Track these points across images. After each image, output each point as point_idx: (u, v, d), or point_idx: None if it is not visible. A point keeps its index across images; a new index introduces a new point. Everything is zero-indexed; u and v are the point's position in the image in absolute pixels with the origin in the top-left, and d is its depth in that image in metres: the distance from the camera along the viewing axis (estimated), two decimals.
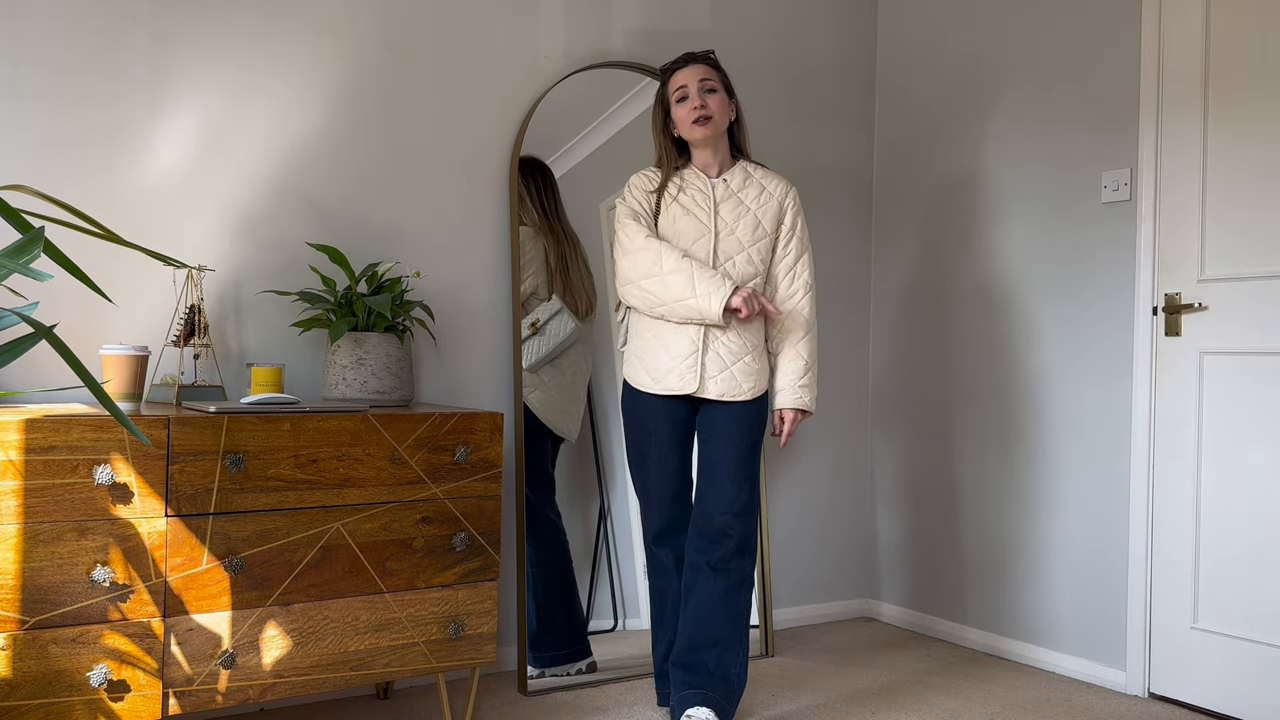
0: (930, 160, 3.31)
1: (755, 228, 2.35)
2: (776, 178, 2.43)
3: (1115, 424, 2.75)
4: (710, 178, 2.39)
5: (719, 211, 2.34)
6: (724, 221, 2.34)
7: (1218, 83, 2.55)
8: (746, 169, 2.41)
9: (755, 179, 2.40)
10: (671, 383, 2.31)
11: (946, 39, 3.27)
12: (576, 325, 2.76)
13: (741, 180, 2.38)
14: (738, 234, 2.33)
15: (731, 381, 2.30)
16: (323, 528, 2.02)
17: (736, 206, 2.35)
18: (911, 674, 2.84)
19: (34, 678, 1.74)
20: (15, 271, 1.29)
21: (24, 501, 1.73)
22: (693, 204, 2.35)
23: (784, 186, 2.41)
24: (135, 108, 2.29)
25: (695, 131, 2.34)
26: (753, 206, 2.36)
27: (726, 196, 2.36)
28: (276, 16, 2.46)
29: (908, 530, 3.35)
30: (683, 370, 2.30)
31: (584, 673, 2.70)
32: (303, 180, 2.49)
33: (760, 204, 2.37)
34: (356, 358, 2.29)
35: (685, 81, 2.35)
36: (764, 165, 2.48)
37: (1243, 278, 2.49)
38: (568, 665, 2.68)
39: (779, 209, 2.39)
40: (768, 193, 2.39)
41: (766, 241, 2.36)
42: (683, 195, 2.37)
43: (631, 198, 2.38)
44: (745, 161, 2.43)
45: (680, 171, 2.40)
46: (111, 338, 2.27)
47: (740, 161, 2.43)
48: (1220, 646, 2.51)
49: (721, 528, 2.28)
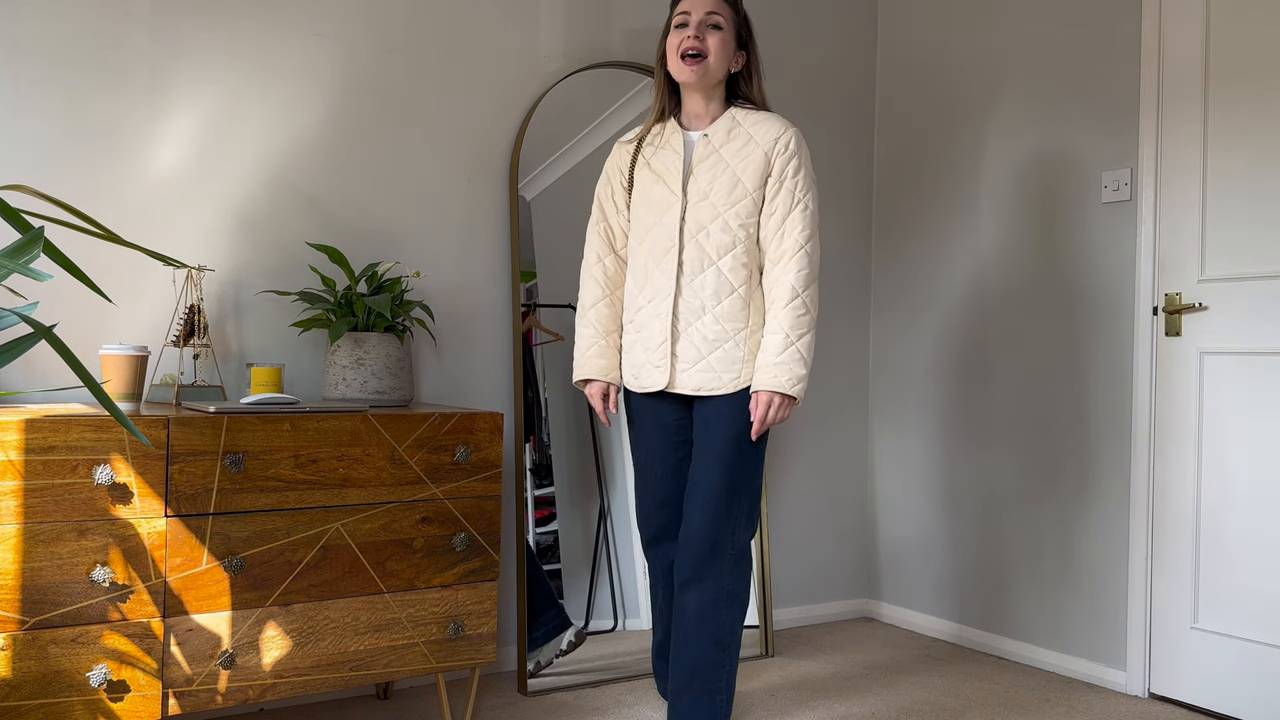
0: (930, 160, 3.31)
1: (733, 187, 2.02)
2: (771, 121, 2.06)
3: (1115, 424, 2.75)
4: (693, 131, 2.10)
5: (694, 174, 2.05)
6: (697, 186, 2.04)
7: (1218, 83, 2.55)
8: (735, 117, 2.08)
9: (744, 128, 2.06)
10: (647, 378, 2.11)
11: (946, 39, 3.27)
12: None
13: (726, 132, 2.06)
14: (712, 198, 2.03)
15: (709, 373, 2.04)
16: (322, 528, 2.02)
17: (714, 165, 2.04)
18: (911, 674, 2.84)
19: (34, 678, 1.74)
20: (15, 271, 1.29)
21: (24, 501, 1.73)
22: (664, 168, 2.08)
23: (776, 129, 2.04)
24: (135, 107, 2.29)
25: (682, 71, 2.04)
26: (733, 162, 2.03)
27: (707, 154, 2.05)
28: (277, 16, 2.46)
29: (908, 530, 3.35)
30: (656, 363, 2.08)
31: (575, 642, 2.68)
32: (303, 180, 2.49)
33: (742, 158, 2.03)
34: (356, 358, 2.28)
35: (689, 8, 2.04)
36: (764, 109, 2.12)
37: (1243, 278, 2.49)
38: (557, 639, 2.65)
39: (764, 160, 2.03)
40: (754, 142, 2.04)
41: (748, 201, 2.03)
42: (655, 159, 2.10)
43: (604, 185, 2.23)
44: (738, 108, 2.10)
45: (663, 126, 2.13)
46: (111, 338, 2.27)
47: (731, 109, 2.09)
48: (1220, 646, 2.51)
49: (698, 549, 2.06)
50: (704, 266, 2.05)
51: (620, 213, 2.20)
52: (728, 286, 2.05)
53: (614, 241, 2.23)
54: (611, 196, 2.21)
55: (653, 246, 2.10)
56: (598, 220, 2.25)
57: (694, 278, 2.05)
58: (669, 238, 2.07)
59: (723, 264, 2.04)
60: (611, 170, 2.23)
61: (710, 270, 2.04)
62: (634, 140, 2.19)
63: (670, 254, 2.06)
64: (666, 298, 2.07)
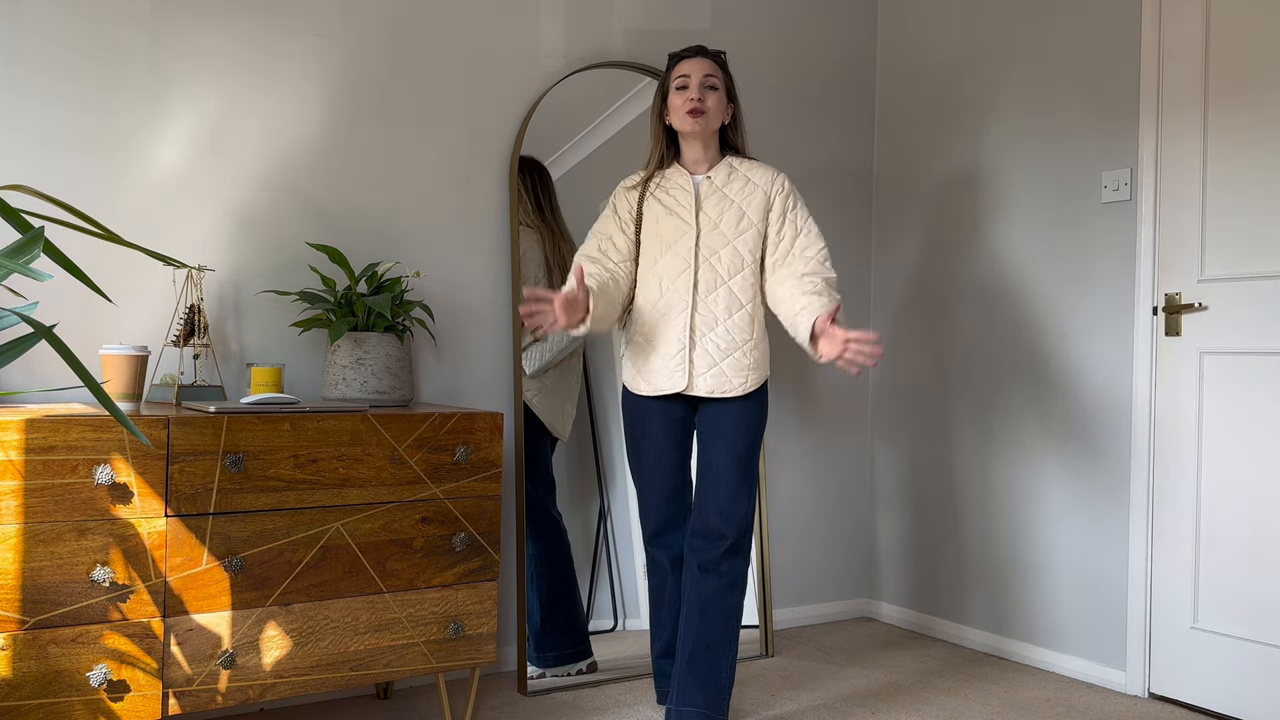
0: (930, 161, 3.31)
1: (740, 219, 2.32)
2: (763, 168, 2.38)
3: (1115, 423, 2.75)
4: (695, 175, 2.37)
5: (702, 208, 2.32)
6: (707, 217, 2.32)
7: (1218, 83, 2.55)
8: (732, 163, 2.38)
9: (740, 172, 2.37)
10: (661, 382, 2.31)
11: (946, 39, 3.27)
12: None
13: (726, 175, 2.36)
14: (721, 228, 2.31)
15: (721, 378, 2.29)
16: (322, 528, 2.02)
17: (720, 201, 2.33)
18: (911, 674, 2.84)
19: (34, 678, 1.74)
20: (15, 271, 1.29)
21: (24, 501, 1.73)
22: (675, 203, 2.34)
23: (770, 175, 2.37)
24: (136, 107, 2.29)
25: (687, 123, 2.31)
26: (737, 199, 2.33)
27: (711, 193, 2.34)
28: (277, 16, 2.46)
29: (908, 530, 3.35)
30: (671, 369, 2.30)
31: (584, 673, 2.70)
32: (302, 180, 2.49)
33: (745, 195, 2.34)
34: (356, 358, 2.29)
35: (688, 71, 2.33)
36: (753, 159, 2.43)
37: (1243, 278, 2.49)
38: (569, 665, 2.68)
39: (765, 199, 2.34)
40: (753, 184, 2.35)
41: (754, 232, 2.32)
42: (663, 194, 2.36)
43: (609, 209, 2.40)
44: (732, 156, 2.40)
45: (664, 170, 2.39)
46: (111, 338, 2.27)
47: (727, 157, 2.39)
48: (1220, 646, 2.51)
49: (717, 528, 2.28)
50: (716, 285, 2.30)
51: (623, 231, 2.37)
52: (737, 303, 2.31)
53: (609, 252, 2.36)
54: (620, 227, 2.38)
55: (666, 268, 2.32)
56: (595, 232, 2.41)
57: (708, 295, 2.30)
58: (685, 259, 2.31)
59: (733, 284, 2.31)
60: (619, 203, 2.41)
61: (722, 289, 2.30)
62: (638, 184, 2.41)
63: (686, 274, 2.30)
64: (683, 311, 2.30)
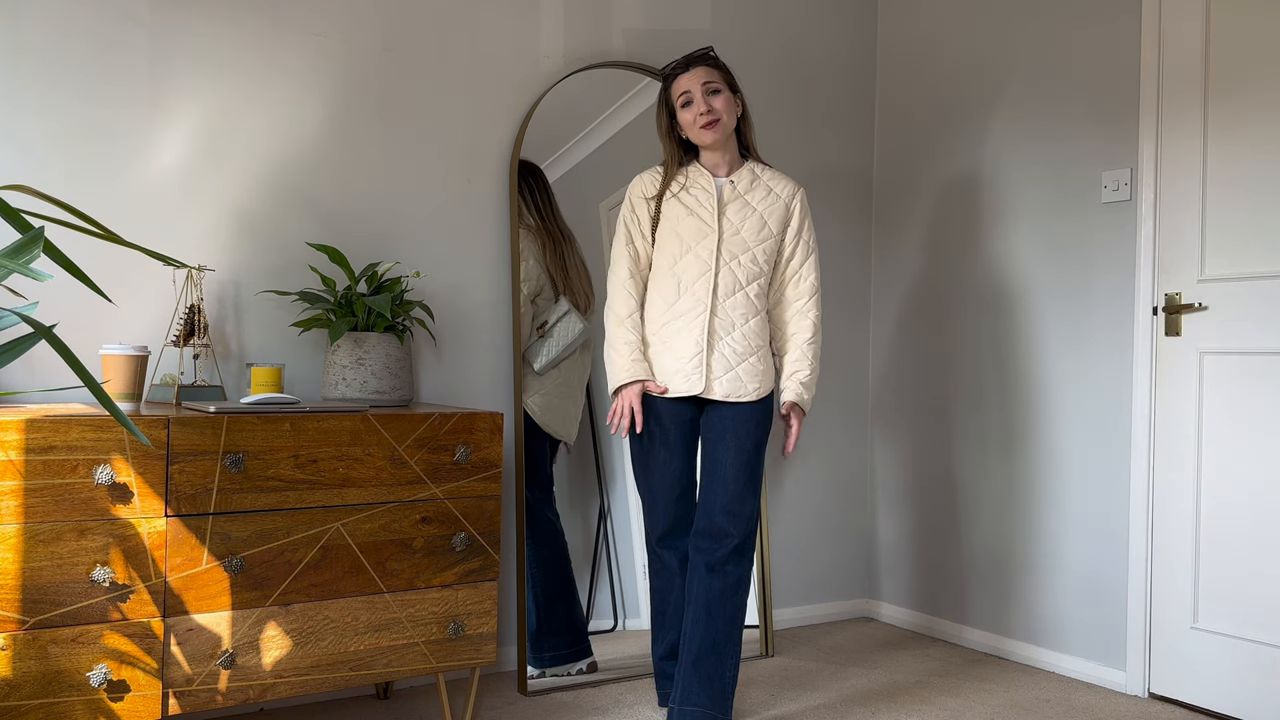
0: (930, 161, 3.31)
1: (761, 228, 2.35)
2: (784, 179, 2.43)
3: (1115, 424, 2.75)
4: (717, 177, 2.38)
5: (725, 213, 2.34)
6: (729, 222, 2.34)
7: (1218, 83, 2.55)
8: (754, 170, 2.41)
9: (763, 180, 2.40)
10: (678, 384, 2.32)
11: (946, 39, 3.27)
12: (585, 326, 2.76)
13: (749, 182, 2.39)
14: (743, 234, 2.34)
15: (737, 382, 2.31)
16: (322, 528, 2.02)
17: (743, 208, 2.36)
18: (911, 674, 2.84)
19: (34, 678, 1.74)
20: (15, 271, 1.29)
21: (24, 501, 1.73)
22: (696, 204, 2.35)
23: (791, 188, 2.42)
24: (135, 107, 2.29)
25: (705, 136, 2.33)
26: (759, 208, 2.37)
27: (734, 198, 2.36)
28: (277, 16, 2.46)
29: (908, 530, 3.35)
30: (688, 372, 2.31)
31: (584, 673, 2.70)
32: (302, 180, 2.49)
33: (767, 205, 2.37)
34: (356, 358, 2.29)
35: (688, 86, 2.34)
36: (771, 166, 2.48)
37: (1243, 278, 2.49)
38: (568, 665, 2.68)
39: (785, 211, 2.39)
40: (774, 194, 2.39)
41: (772, 242, 2.37)
42: (685, 194, 2.36)
43: (629, 211, 2.40)
44: (753, 162, 2.43)
45: (685, 168, 2.40)
46: (111, 338, 2.27)
47: (748, 163, 2.43)
48: (1220, 646, 2.51)
49: (723, 528, 2.29)
50: (734, 290, 2.33)
51: (645, 239, 2.40)
52: (753, 309, 2.35)
53: (639, 261, 2.40)
54: (639, 224, 2.40)
55: (686, 270, 2.33)
56: (626, 242, 2.41)
57: (726, 299, 2.33)
58: (705, 262, 2.32)
59: (750, 290, 2.35)
60: (636, 198, 2.41)
61: (740, 294, 2.34)
62: (654, 195, 2.40)
63: (705, 277, 2.32)
64: (701, 314, 2.31)
